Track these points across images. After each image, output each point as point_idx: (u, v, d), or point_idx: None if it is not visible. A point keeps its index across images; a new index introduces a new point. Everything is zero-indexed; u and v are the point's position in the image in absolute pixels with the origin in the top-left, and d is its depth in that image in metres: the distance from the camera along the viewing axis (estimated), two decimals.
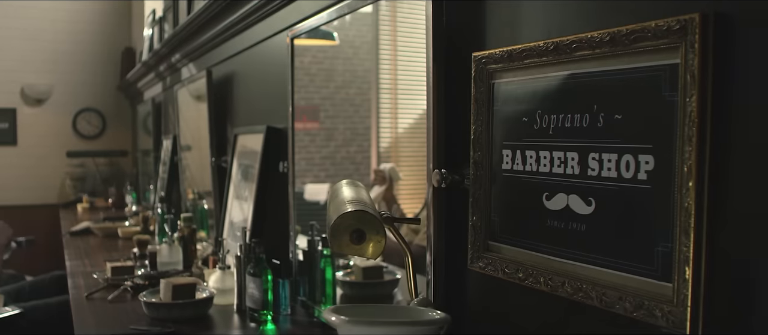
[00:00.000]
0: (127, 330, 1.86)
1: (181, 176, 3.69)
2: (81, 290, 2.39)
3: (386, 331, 0.95)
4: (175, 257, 2.57)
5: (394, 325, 0.98)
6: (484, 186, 1.22)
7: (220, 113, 2.99)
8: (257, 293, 1.89)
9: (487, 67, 1.20)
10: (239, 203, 2.53)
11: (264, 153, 2.29)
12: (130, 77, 5.43)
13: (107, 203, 5.38)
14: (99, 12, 6.26)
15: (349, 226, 1.03)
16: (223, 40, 2.90)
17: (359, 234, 1.03)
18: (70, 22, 6.15)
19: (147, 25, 5.19)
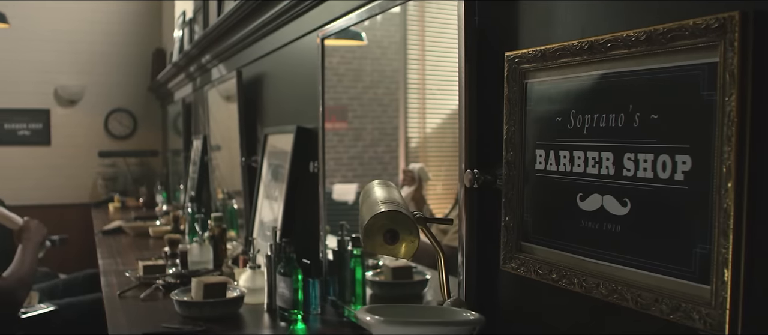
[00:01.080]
0: (159, 328, 1.88)
1: (211, 175, 3.72)
2: (114, 288, 2.42)
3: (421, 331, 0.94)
4: (206, 256, 2.59)
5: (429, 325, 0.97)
6: (516, 186, 1.21)
7: (250, 114, 3.01)
8: (287, 292, 1.90)
9: (520, 66, 1.19)
10: (269, 203, 2.55)
11: (294, 153, 2.30)
12: (161, 78, 5.49)
13: (138, 203, 5.45)
14: (130, 14, 6.34)
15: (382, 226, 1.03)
16: (253, 41, 2.91)
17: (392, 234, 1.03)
18: (101, 24, 6.24)
19: (177, 26, 5.25)
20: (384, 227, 1.03)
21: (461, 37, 1.29)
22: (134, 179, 6.15)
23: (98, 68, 6.24)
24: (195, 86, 4.56)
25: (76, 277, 3.46)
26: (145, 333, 1.84)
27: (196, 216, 2.98)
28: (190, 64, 4.27)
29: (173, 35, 5.45)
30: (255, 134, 3.02)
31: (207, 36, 3.42)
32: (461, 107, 1.30)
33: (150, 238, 3.69)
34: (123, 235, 3.87)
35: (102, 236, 3.86)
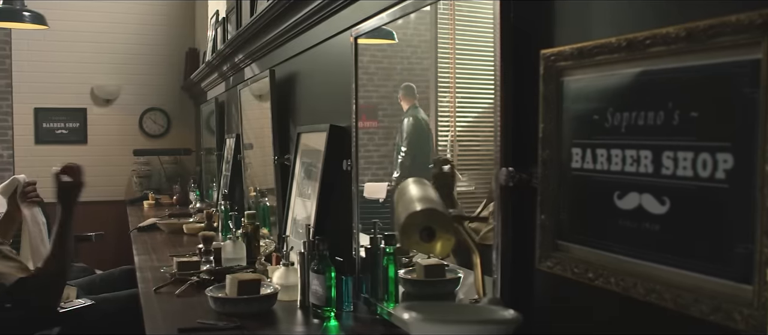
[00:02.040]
0: (194, 324, 1.90)
1: (244, 173, 3.76)
2: (149, 284, 2.46)
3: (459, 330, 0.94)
4: (239, 253, 2.62)
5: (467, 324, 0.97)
6: (552, 185, 1.21)
7: (282, 112, 3.03)
8: (321, 290, 1.91)
9: (556, 64, 1.19)
10: (302, 201, 2.57)
11: (327, 151, 2.32)
12: (194, 77, 5.55)
13: (172, 200, 5.51)
14: (164, 14, 6.43)
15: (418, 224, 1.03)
16: (286, 40, 2.93)
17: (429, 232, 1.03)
18: (136, 25, 6.33)
19: (210, 26, 5.30)
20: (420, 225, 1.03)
21: (497, 36, 1.29)
22: (168, 177, 6.23)
23: (133, 68, 6.34)
24: (228, 84, 4.60)
25: (112, 273, 3.51)
26: (181, 328, 1.86)
27: (230, 214, 3.00)
28: (223, 64, 4.31)
29: (206, 35, 5.51)
30: (288, 133, 3.04)
31: (240, 35, 3.45)
32: (497, 106, 1.30)
33: (184, 235, 3.74)
34: (157, 232, 3.92)
35: (137, 233, 3.92)
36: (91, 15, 6.17)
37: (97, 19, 6.20)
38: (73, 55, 6.16)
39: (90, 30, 6.19)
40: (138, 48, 6.34)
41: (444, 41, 2.07)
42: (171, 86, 6.47)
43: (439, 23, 2.04)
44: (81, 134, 6.25)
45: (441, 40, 2.07)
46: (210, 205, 4.63)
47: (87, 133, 6.26)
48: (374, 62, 2.20)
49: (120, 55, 6.29)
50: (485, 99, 1.95)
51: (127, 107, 6.35)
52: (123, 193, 6.28)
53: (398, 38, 2.16)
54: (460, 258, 1.74)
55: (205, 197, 5.22)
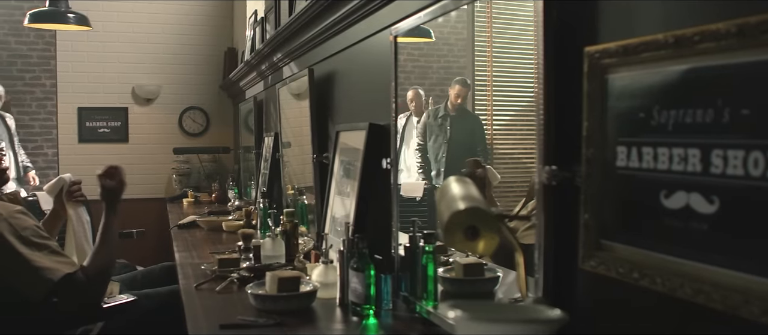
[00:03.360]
0: (235, 321, 1.92)
1: (282, 172, 3.78)
2: (190, 280, 2.49)
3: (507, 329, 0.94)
4: (278, 250, 2.64)
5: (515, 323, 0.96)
6: (596, 183, 1.19)
7: (321, 111, 3.05)
8: (360, 287, 1.91)
9: (600, 62, 1.17)
10: (341, 199, 2.58)
11: (366, 150, 2.32)
12: (233, 77, 5.61)
13: (210, 198, 5.58)
14: (203, 14, 6.51)
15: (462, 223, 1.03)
16: (325, 39, 2.95)
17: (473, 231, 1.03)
18: (176, 25, 6.43)
19: (249, 26, 5.35)
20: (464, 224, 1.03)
21: (540, 34, 1.28)
22: (207, 175, 6.31)
23: (173, 68, 6.44)
24: (266, 83, 4.64)
25: (153, 270, 3.56)
26: (222, 324, 1.88)
27: (269, 212, 3.03)
28: (261, 63, 4.35)
29: (244, 35, 5.56)
30: (326, 131, 3.06)
31: (279, 35, 3.48)
32: (539, 104, 1.29)
33: (223, 232, 3.78)
34: (197, 229, 3.97)
35: (177, 230, 3.97)
36: (132, 16, 6.28)
37: (138, 19, 6.31)
38: (115, 56, 6.28)
39: (131, 31, 6.30)
40: (178, 48, 6.44)
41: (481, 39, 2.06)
42: (210, 85, 6.55)
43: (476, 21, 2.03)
44: (122, 132, 6.37)
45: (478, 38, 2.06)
46: (248, 203, 4.67)
47: (128, 132, 6.38)
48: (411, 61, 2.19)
49: (160, 55, 6.39)
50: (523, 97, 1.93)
51: (167, 106, 6.45)
52: (163, 191, 6.38)
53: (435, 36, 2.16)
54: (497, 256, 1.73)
55: (244, 195, 5.27)
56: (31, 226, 2.39)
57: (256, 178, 4.79)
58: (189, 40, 6.47)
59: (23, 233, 2.33)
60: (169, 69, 6.42)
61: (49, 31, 5.97)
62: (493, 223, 1.04)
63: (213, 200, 5.50)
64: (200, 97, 6.54)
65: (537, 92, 1.33)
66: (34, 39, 6.12)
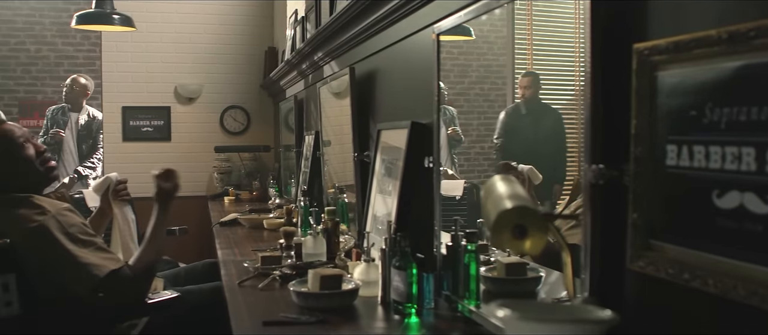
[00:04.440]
0: (278, 317, 1.94)
1: (322, 170, 3.80)
2: (233, 277, 2.52)
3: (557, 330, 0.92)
4: (319, 248, 2.65)
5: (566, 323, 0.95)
6: (645, 182, 1.17)
7: (362, 109, 3.06)
8: (402, 286, 1.91)
9: (650, 59, 1.15)
10: (382, 198, 2.58)
11: (408, 148, 2.32)
12: (273, 76, 5.66)
13: (251, 196, 5.63)
14: (243, 14, 6.58)
15: (510, 221, 1.02)
16: (366, 38, 2.95)
17: (521, 230, 1.02)
18: (217, 25, 6.50)
19: (289, 25, 5.38)
20: (512, 223, 1.02)
21: (588, 31, 1.26)
22: (247, 173, 6.37)
23: (214, 67, 6.51)
24: (307, 82, 4.67)
25: (196, 266, 3.61)
26: (265, 321, 1.90)
27: (310, 210, 3.04)
28: (302, 62, 4.37)
29: (285, 34, 5.60)
30: (367, 130, 3.06)
31: (319, 34, 3.49)
32: (587, 102, 1.27)
33: (264, 230, 3.81)
34: (239, 227, 4.01)
35: (219, 227, 4.02)
36: (175, 16, 6.37)
37: (181, 20, 6.40)
38: (158, 56, 6.39)
39: (174, 31, 6.40)
40: (219, 48, 6.52)
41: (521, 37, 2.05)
42: (250, 84, 6.62)
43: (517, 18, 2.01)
44: (165, 131, 6.46)
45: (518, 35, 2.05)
46: (288, 201, 4.70)
47: (171, 130, 6.47)
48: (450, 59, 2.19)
49: (202, 55, 6.48)
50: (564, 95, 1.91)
51: (208, 105, 6.53)
52: (204, 188, 6.46)
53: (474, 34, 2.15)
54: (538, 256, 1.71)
55: (284, 193, 5.31)
56: (78, 223, 2.45)
57: (296, 176, 4.82)
58: (230, 39, 6.54)
59: (70, 230, 2.38)
60: (211, 69, 6.50)
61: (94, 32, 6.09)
62: (542, 222, 1.03)
63: (254, 198, 5.55)
64: (241, 96, 6.61)
65: (584, 90, 1.31)
66: (80, 40, 6.25)
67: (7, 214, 2.42)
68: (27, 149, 2.51)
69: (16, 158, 2.48)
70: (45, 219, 2.36)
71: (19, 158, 2.48)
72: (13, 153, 2.48)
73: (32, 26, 6.16)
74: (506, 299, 0.97)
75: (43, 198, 2.51)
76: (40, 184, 2.57)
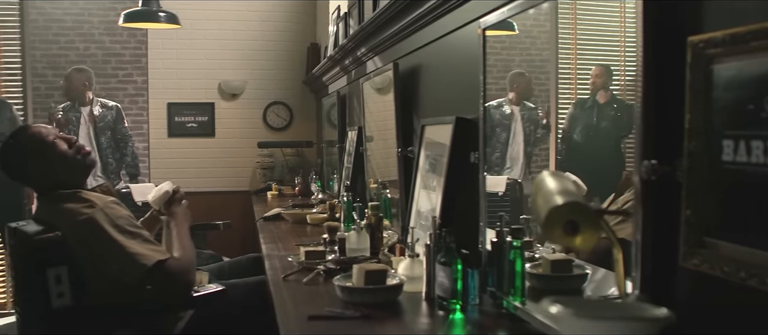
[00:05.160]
0: (323, 312, 1.95)
1: (365, 165, 3.81)
2: (278, 272, 2.54)
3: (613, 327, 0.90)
4: (363, 244, 2.65)
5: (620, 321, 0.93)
6: (699, 178, 1.15)
7: (406, 105, 3.05)
8: (447, 282, 1.91)
9: (705, 52, 1.13)
10: (427, 193, 2.57)
11: (453, 143, 2.31)
12: (316, 72, 5.69)
13: (294, 191, 5.68)
14: (286, 11, 6.63)
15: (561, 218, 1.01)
16: (409, 33, 2.95)
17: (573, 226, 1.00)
18: (261, 22, 6.57)
19: (332, 21, 5.41)
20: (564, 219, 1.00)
21: (640, 23, 1.24)
22: (290, 168, 6.42)
23: (257, 64, 6.59)
24: (349, 78, 4.68)
25: (240, 260, 3.64)
26: (311, 315, 1.91)
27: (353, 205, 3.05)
28: (345, 58, 4.39)
29: (327, 30, 5.63)
30: (411, 125, 3.06)
31: (363, 29, 3.50)
32: (639, 96, 1.25)
33: (307, 225, 3.84)
34: (282, 221, 4.04)
35: (263, 222, 4.06)
36: (219, 13, 6.46)
37: (225, 17, 6.48)
38: (203, 53, 6.48)
39: (218, 28, 6.49)
40: (262, 44, 6.59)
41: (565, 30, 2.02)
42: (293, 80, 6.67)
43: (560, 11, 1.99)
44: (209, 127, 6.56)
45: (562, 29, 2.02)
46: (331, 196, 4.72)
47: (215, 126, 6.56)
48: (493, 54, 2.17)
49: (245, 52, 6.55)
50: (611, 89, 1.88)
51: (251, 101, 6.61)
52: (248, 184, 6.54)
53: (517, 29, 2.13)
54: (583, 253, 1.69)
55: (326, 189, 5.34)
56: (125, 215, 2.50)
57: (338, 172, 4.84)
58: (273, 36, 6.61)
59: (118, 221, 2.44)
60: (254, 65, 6.57)
61: (140, 30, 6.20)
62: (593, 218, 1.01)
63: (296, 193, 5.59)
64: (284, 92, 6.67)
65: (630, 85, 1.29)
66: (126, 38, 6.36)
67: (57, 209, 2.49)
68: (59, 145, 2.58)
69: (51, 157, 2.55)
70: (93, 212, 2.41)
71: (55, 155, 2.56)
72: (47, 153, 2.55)
73: (81, 25, 6.29)
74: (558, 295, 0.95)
75: (90, 192, 2.57)
76: (81, 174, 2.65)
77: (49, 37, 6.22)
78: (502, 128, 2.26)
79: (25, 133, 2.65)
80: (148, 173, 6.45)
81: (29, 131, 2.65)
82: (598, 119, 1.91)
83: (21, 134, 2.66)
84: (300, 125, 6.70)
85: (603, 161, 1.85)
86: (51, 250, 2.40)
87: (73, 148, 2.61)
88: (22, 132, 2.68)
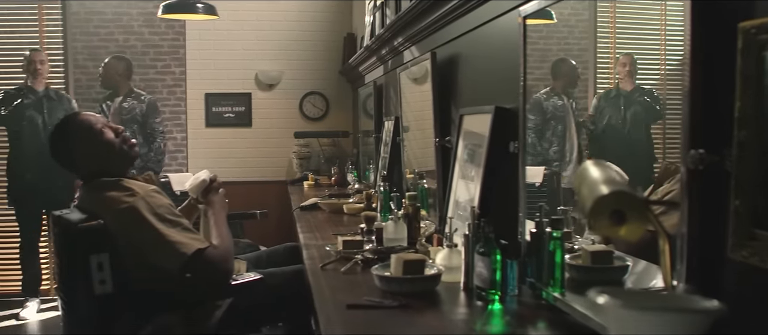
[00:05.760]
0: (361, 300, 1.95)
1: (402, 155, 3.80)
2: (315, 261, 2.55)
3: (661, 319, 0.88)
4: (400, 234, 2.65)
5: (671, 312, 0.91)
6: (749, 168, 1.12)
7: (443, 94, 3.04)
8: (486, 272, 1.89)
9: (757, 38, 1.10)
10: (465, 183, 2.56)
11: (492, 133, 2.29)
12: (352, 62, 5.69)
13: (330, 181, 5.70)
14: (323, 1, 6.65)
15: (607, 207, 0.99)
16: (447, 23, 2.93)
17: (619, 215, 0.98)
18: (297, 12, 6.60)
19: (368, 11, 5.40)
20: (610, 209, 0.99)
21: (688, 8, 1.21)
22: (326, 158, 6.44)
23: (294, 54, 6.62)
24: (386, 68, 4.67)
25: (277, 249, 3.67)
26: (349, 304, 1.91)
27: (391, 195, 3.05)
28: (382, 48, 4.38)
29: (364, 20, 5.62)
30: (449, 115, 3.04)
31: (400, 19, 3.49)
32: (686, 84, 1.22)
33: (344, 215, 3.85)
34: (319, 211, 4.06)
35: (300, 211, 4.08)
36: (256, 4, 6.50)
37: (262, 7, 6.52)
38: (240, 43, 6.53)
39: (255, 19, 6.53)
40: (298, 34, 6.61)
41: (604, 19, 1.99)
42: (329, 70, 6.69)
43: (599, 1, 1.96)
44: (246, 117, 6.61)
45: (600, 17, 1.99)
46: (367, 186, 4.73)
47: (251, 116, 6.62)
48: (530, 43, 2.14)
49: (282, 42, 6.59)
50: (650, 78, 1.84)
51: (288, 92, 6.64)
52: (284, 173, 6.59)
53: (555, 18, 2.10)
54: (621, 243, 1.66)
55: (362, 179, 5.34)
56: (166, 204, 2.53)
57: (375, 162, 4.84)
58: (310, 26, 6.63)
59: (159, 210, 2.47)
60: (291, 55, 6.60)
61: (179, 21, 6.28)
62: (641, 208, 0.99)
63: (333, 183, 5.61)
64: (320, 82, 6.69)
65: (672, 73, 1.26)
66: (164, 29, 6.44)
67: (100, 197, 2.53)
68: (107, 133, 2.63)
69: (99, 144, 2.61)
70: (135, 201, 2.45)
71: (102, 143, 2.61)
72: (94, 140, 2.61)
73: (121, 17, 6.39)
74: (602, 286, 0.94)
75: (132, 181, 2.61)
76: (125, 164, 2.70)
77: (89, 29, 6.34)
78: (556, 120, 2.23)
79: (74, 119, 2.73)
80: (185, 162, 6.54)
81: (79, 117, 2.73)
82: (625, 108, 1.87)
83: (71, 120, 2.74)
84: (336, 115, 6.72)
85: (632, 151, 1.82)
86: (93, 238, 2.44)
87: (119, 137, 2.66)
88: (72, 119, 2.76)
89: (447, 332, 1.77)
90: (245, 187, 6.07)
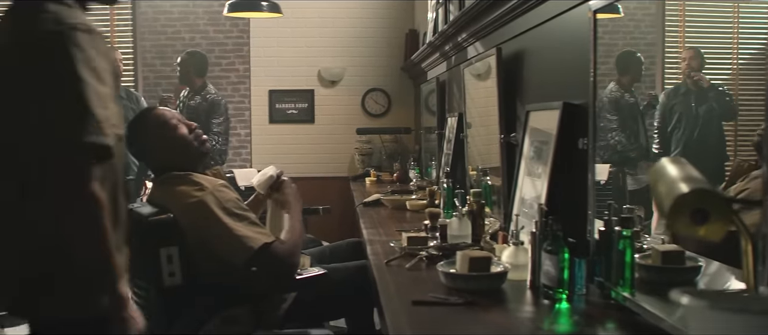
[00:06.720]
0: (426, 297, 1.95)
1: (465, 152, 3.78)
2: (380, 257, 2.56)
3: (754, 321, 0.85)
4: (464, 230, 2.64)
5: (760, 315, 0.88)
6: None
7: (509, 90, 3.00)
8: (553, 270, 1.87)
9: None
10: (531, 180, 2.53)
11: (560, 129, 2.26)
12: (414, 58, 5.68)
13: (392, 178, 5.71)
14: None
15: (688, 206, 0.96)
16: (513, 18, 2.89)
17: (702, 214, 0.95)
18: (359, 9, 6.64)
19: (431, 8, 5.38)
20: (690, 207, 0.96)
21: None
22: (388, 154, 6.46)
23: (356, 51, 6.65)
24: (449, 64, 4.65)
25: (340, 245, 3.69)
26: (415, 300, 1.91)
27: (456, 192, 3.03)
28: (445, 44, 4.36)
29: (426, 16, 5.60)
30: (514, 111, 3.01)
31: (464, 15, 3.46)
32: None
33: (407, 211, 3.85)
34: (381, 207, 4.07)
35: (363, 207, 4.09)
36: (318, 2, 6.56)
37: (324, 5, 6.58)
38: (303, 41, 6.61)
39: (318, 16, 6.59)
40: (361, 31, 6.65)
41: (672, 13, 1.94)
42: (391, 67, 6.70)
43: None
44: (309, 113, 6.69)
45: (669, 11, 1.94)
46: (430, 182, 4.72)
47: (314, 113, 6.69)
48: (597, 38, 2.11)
49: (344, 39, 6.63)
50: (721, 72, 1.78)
51: (350, 88, 6.69)
52: (346, 169, 6.64)
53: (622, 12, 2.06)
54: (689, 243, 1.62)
55: (424, 175, 5.34)
56: (234, 199, 2.58)
57: (437, 158, 4.83)
58: (372, 23, 6.66)
59: (226, 204, 2.52)
60: (353, 52, 6.64)
61: (243, 19, 6.39)
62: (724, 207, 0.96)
63: (394, 179, 5.62)
64: (382, 78, 6.71)
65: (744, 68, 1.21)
66: (229, 28, 6.57)
67: (170, 191, 2.59)
68: (180, 128, 2.68)
69: (171, 139, 2.66)
70: (203, 195, 2.51)
71: (175, 138, 2.66)
72: (168, 134, 2.66)
73: (187, 16, 6.55)
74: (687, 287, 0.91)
75: (200, 175, 2.66)
76: (196, 160, 2.75)
77: (157, 28, 6.52)
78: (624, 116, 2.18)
79: (149, 113, 2.81)
80: (249, 158, 6.65)
81: (154, 111, 2.81)
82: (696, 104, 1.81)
83: (146, 114, 2.84)
84: (398, 111, 6.73)
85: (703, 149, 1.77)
86: (163, 231, 2.50)
87: (192, 133, 2.72)
88: (148, 112, 2.85)
89: (513, 330, 1.76)
90: (308, 182, 6.12)
